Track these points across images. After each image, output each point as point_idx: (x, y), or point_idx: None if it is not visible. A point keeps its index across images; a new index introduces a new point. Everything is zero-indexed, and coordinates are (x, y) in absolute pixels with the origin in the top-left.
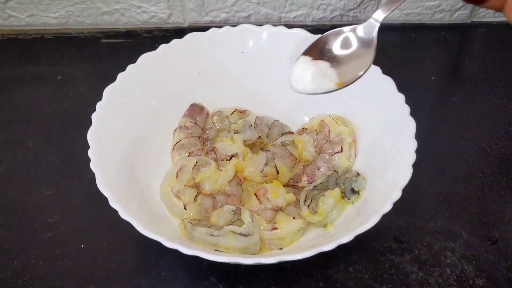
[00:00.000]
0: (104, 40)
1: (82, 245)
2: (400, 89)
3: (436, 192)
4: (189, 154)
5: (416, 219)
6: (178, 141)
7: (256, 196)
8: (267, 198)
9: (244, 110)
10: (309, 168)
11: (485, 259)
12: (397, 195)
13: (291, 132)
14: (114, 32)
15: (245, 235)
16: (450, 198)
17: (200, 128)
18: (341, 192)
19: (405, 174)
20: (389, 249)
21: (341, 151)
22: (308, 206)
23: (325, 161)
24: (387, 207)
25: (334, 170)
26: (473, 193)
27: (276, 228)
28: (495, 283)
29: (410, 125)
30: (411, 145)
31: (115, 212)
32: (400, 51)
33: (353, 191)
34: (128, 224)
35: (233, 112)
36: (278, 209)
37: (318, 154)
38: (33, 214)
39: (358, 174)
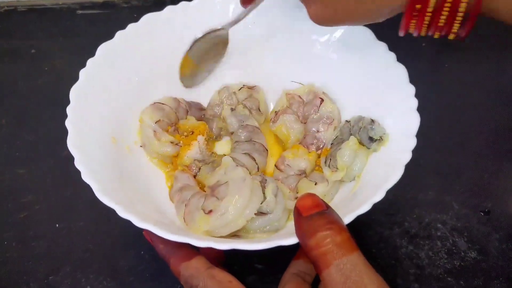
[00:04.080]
0: (80, 12)
1: (57, 225)
2: None
3: (427, 163)
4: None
5: (405, 191)
6: None
7: (276, 167)
8: (287, 165)
9: (253, 86)
10: (309, 137)
11: (477, 231)
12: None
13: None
14: (90, 3)
15: (263, 214)
16: (441, 168)
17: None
18: (358, 142)
19: (395, 172)
20: (377, 222)
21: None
22: (328, 166)
23: (315, 121)
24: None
25: (346, 121)
26: (465, 163)
27: (298, 197)
28: (488, 255)
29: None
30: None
31: (91, 190)
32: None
33: (372, 139)
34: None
35: (241, 88)
36: (302, 173)
37: (305, 123)
38: (5, 194)
39: (373, 120)
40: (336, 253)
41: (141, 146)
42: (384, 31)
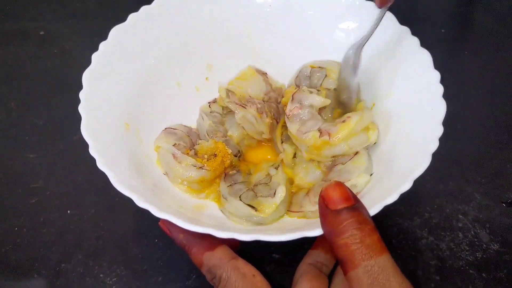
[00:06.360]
0: None
1: (69, 212)
2: None
3: (447, 152)
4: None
5: (426, 180)
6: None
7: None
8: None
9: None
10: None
11: (499, 222)
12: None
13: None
14: None
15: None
16: (462, 158)
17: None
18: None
19: (423, 161)
20: (397, 212)
21: None
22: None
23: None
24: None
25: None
26: (486, 152)
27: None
28: (511, 247)
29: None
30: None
31: (103, 176)
32: (409, 1)
33: None
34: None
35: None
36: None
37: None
38: (16, 179)
39: None
40: (365, 254)
41: (164, 174)
42: (404, 17)
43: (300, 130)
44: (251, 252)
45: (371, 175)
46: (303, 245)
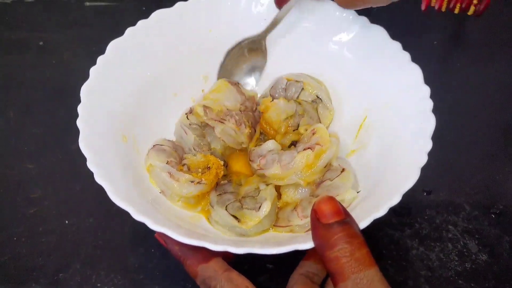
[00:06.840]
0: (88, 3)
1: (67, 221)
2: None
3: (438, 163)
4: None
5: (416, 192)
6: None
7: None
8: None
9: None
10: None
11: (488, 233)
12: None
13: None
14: None
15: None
16: (452, 169)
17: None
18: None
19: (412, 175)
20: (388, 223)
21: None
22: None
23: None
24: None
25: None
26: (477, 163)
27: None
28: (499, 258)
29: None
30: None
31: (101, 185)
32: (401, 15)
33: None
34: None
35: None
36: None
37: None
38: (15, 189)
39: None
40: (355, 268)
41: (160, 193)
42: (396, 30)
43: (282, 166)
44: (245, 262)
45: (358, 192)
46: (297, 256)
